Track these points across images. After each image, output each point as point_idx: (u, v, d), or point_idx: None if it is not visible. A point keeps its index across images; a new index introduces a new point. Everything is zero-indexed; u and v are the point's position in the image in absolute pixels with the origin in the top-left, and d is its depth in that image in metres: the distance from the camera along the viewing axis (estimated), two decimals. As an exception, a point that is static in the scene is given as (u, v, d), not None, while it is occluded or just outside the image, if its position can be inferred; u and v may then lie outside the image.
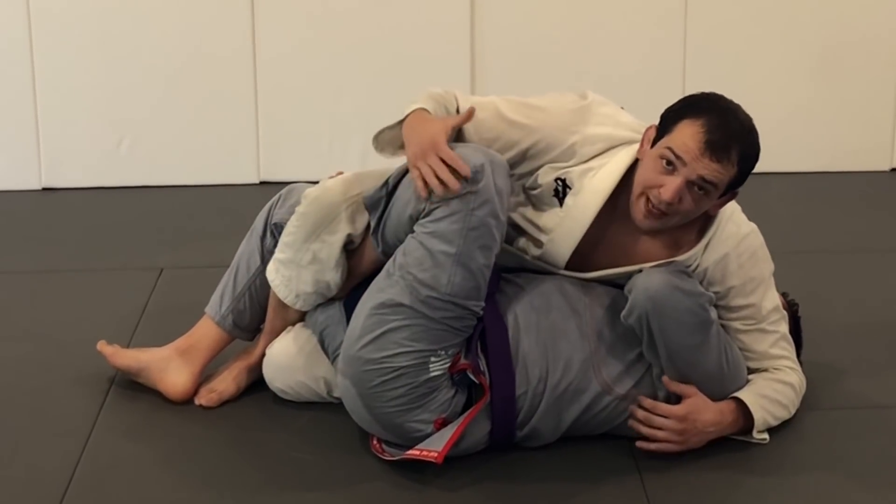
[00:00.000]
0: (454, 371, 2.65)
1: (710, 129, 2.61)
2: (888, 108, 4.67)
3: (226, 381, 2.95)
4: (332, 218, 2.78)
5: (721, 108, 2.66)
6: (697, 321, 2.67)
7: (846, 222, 4.23)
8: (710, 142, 2.61)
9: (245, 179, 4.51)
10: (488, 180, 2.60)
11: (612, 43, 4.53)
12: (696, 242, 2.75)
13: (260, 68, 4.45)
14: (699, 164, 2.61)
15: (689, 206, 2.66)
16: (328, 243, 2.78)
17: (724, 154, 2.61)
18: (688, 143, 2.62)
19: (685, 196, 2.64)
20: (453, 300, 2.61)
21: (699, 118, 2.63)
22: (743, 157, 2.64)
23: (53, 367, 3.11)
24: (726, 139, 2.61)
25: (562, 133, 2.74)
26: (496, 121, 2.75)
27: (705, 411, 2.72)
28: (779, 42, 4.59)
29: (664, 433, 2.71)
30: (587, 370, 2.71)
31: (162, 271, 3.72)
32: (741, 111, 2.68)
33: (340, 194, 2.79)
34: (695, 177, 2.62)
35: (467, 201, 2.59)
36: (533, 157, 2.76)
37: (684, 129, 2.63)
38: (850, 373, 3.12)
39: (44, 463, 2.71)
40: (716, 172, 2.62)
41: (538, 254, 2.81)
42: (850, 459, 2.76)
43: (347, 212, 2.78)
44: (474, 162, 2.60)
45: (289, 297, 2.85)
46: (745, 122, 2.67)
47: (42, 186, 4.46)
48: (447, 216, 2.60)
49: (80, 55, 4.38)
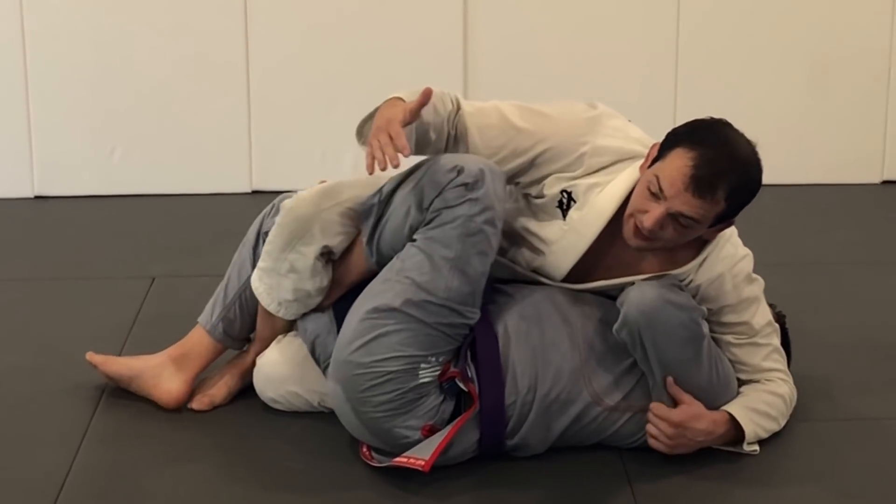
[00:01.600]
0: (444, 379, 2.66)
1: (698, 165, 2.56)
2: (878, 121, 4.68)
3: (217, 386, 2.96)
4: (307, 230, 2.77)
5: (720, 140, 2.61)
6: (689, 335, 2.67)
7: (837, 234, 4.23)
8: (695, 177, 2.56)
9: (237, 188, 4.51)
10: (488, 188, 2.61)
11: (605, 53, 4.54)
12: (692, 259, 2.75)
13: (253, 77, 4.45)
14: (680, 200, 2.57)
15: (672, 235, 2.64)
16: (303, 254, 2.78)
17: (709, 192, 2.57)
18: (673, 176, 2.58)
19: (667, 226, 2.61)
20: (449, 304, 2.62)
21: (693, 150, 2.58)
22: (732, 193, 2.59)
23: (45, 375, 3.10)
24: (713, 176, 2.56)
25: (571, 143, 2.72)
26: (504, 127, 2.73)
27: (700, 421, 2.72)
28: (770, 56, 4.60)
29: (656, 431, 2.71)
30: (577, 381, 2.72)
31: (154, 280, 3.72)
32: (743, 144, 2.63)
33: (313, 206, 2.78)
34: (675, 211, 2.59)
35: (468, 207, 2.60)
36: (540, 165, 2.75)
37: (675, 159, 2.59)
38: (839, 385, 3.12)
39: (34, 471, 2.71)
40: (697, 209, 2.58)
41: (537, 265, 2.81)
42: (839, 471, 2.76)
43: (321, 223, 2.77)
44: (473, 169, 2.60)
45: (271, 305, 2.86)
46: (742, 156, 2.61)
47: (34, 195, 4.46)
48: (447, 222, 2.61)
49: (73, 64, 4.39)
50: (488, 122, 2.73)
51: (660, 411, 2.71)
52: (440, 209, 2.62)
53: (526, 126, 2.73)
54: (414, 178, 2.68)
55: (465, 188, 2.60)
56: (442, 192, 2.62)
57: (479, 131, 2.73)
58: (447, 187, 2.61)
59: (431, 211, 2.63)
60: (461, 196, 2.60)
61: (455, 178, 2.61)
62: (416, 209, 2.64)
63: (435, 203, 2.63)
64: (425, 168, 2.67)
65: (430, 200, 2.63)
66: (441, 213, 2.62)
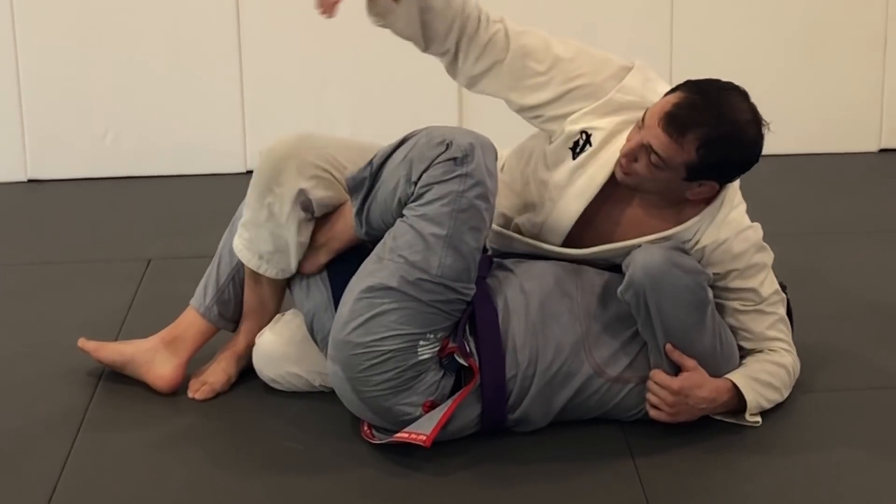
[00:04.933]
0: (443, 355, 2.65)
1: (678, 105, 2.60)
2: (875, 89, 4.67)
3: (216, 372, 2.94)
4: (282, 169, 2.76)
5: (713, 94, 2.63)
6: (695, 299, 2.66)
7: (835, 204, 4.23)
8: (670, 114, 2.60)
9: (232, 169, 4.49)
10: (479, 161, 2.59)
11: (597, 23, 4.52)
12: (696, 215, 2.75)
13: (245, 57, 4.43)
14: (652, 132, 2.61)
15: (644, 171, 2.65)
16: (279, 195, 2.77)
17: (678, 131, 2.59)
18: (655, 109, 2.63)
19: (641, 158, 2.64)
20: (444, 282, 2.60)
21: (684, 93, 2.63)
22: (705, 144, 2.59)
23: (42, 360, 3.09)
24: (687, 119, 2.59)
25: (606, 81, 2.76)
26: (545, 54, 2.77)
27: (701, 388, 2.71)
28: (765, 24, 4.58)
29: (656, 400, 2.70)
30: (578, 352, 2.70)
31: (150, 262, 3.71)
32: (741, 111, 2.63)
33: (290, 147, 2.78)
34: (646, 142, 2.62)
35: (458, 183, 2.59)
36: (572, 100, 2.76)
37: (665, 97, 2.65)
38: (840, 355, 3.11)
39: (33, 457, 2.70)
40: (664, 146, 2.60)
41: (541, 219, 2.80)
42: (841, 441, 2.75)
43: (297, 162, 2.76)
44: (462, 143, 2.59)
45: (252, 260, 2.84)
46: (730, 119, 2.61)
47: (28, 178, 4.45)
48: (437, 199, 2.59)
49: (64, 47, 4.37)
50: (532, 43, 2.76)
51: (660, 378, 2.69)
52: (430, 184, 2.60)
53: (567, 55, 2.77)
54: (403, 149, 2.66)
55: (453, 163, 2.58)
56: (430, 167, 2.60)
57: (523, 52, 2.76)
58: (435, 162, 2.60)
59: (420, 186, 2.61)
60: (450, 171, 2.59)
61: (443, 152, 2.60)
62: (405, 182, 2.62)
63: (424, 177, 2.61)
64: (414, 140, 2.66)
65: (419, 174, 2.61)
66: (431, 188, 2.60)
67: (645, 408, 2.73)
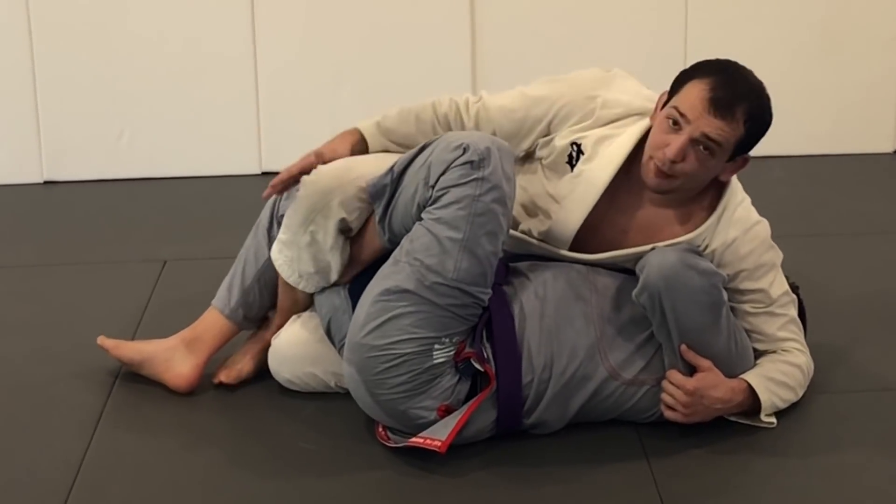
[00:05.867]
0: (459, 359, 2.65)
1: (715, 87, 2.63)
2: (891, 91, 4.66)
3: (244, 360, 2.97)
4: (326, 203, 2.77)
5: (730, 69, 2.68)
6: (710, 300, 2.66)
7: (849, 205, 4.22)
8: (714, 99, 2.62)
9: (247, 170, 4.50)
10: (496, 166, 2.60)
11: (612, 24, 4.52)
12: (706, 219, 2.75)
13: (261, 58, 4.44)
14: (703, 122, 2.62)
15: (694, 166, 2.66)
16: (323, 227, 2.78)
17: (729, 112, 2.62)
18: (693, 101, 2.63)
19: (689, 155, 2.65)
20: (459, 286, 2.61)
21: (707, 77, 2.65)
22: (750, 117, 2.64)
23: (58, 361, 3.10)
24: (732, 97, 2.62)
25: (583, 98, 2.79)
26: (520, 100, 2.83)
27: (716, 388, 2.71)
28: (779, 24, 4.57)
29: (671, 400, 2.71)
30: (593, 356, 2.71)
31: (165, 263, 3.72)
32: (752, 76, 2.70)
33: (335, 180, 2.78)
34: (698, 134, 2.63)
35: (474, 187, 2.59)
36: (557, 125, 2.81)
37: (691, 88, 2.65)
38: (855, 356, 3.11)
39: (50, 457, 2.71)
40: (719, 130, 2.62)
41: (546, 227, 2.81)
42: (857, 443, 2.75)
43: (340, 197, 2.77)
44: (479, 147, 2.60)
45: (292, 276, 2.85)
46: (755, 85, 2.68)
47: (44, 180, 4.45)
48: (453, 202, 2.60)
49: (79, 47, 4.37)
50: (506, 102, 2.84)
51: (675, 378, 2.70)
52: (447, 187, 2.61)
53: (540, 93, 2.82)
54: (423, 155, 2.67)
55: (470, 166, 2.59)
56: (448, 170, 2.61)
57: (502, 112, 2.83)
58: (452, 165, 2.60)
59: (438, 189, 2.62)
60: (467, 175, 2.59)
61: (460, 156, 2.60)
62: (424, 186, 2.63)
63: (441, 181, 2.61)
64: (434, 145, 2.67)
65: (436, 177, 2.62)
66: (448, 192, 2.61)
67: (660, 409, 2.74)
